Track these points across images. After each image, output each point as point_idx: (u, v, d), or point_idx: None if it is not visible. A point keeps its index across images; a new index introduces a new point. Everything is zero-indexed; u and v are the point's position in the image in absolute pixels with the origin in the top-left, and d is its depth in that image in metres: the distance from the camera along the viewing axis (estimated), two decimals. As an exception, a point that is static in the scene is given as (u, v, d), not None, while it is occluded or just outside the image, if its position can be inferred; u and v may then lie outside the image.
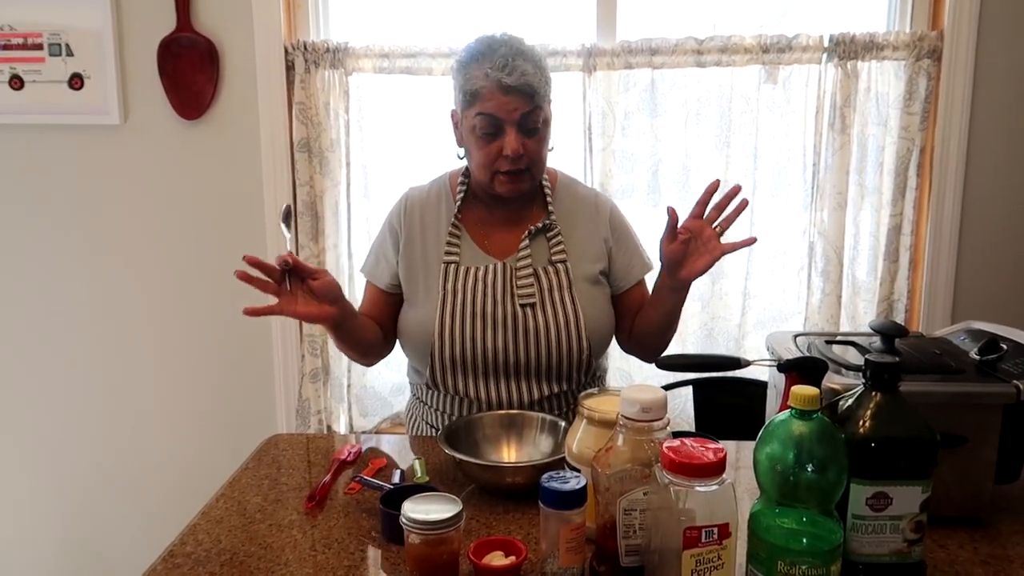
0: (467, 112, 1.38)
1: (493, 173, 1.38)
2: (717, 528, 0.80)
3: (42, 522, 2.35)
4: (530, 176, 1.40)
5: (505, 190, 1.39)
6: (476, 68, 1.35)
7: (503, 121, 1.34)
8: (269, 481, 1.24)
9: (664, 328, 1.46)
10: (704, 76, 2.00)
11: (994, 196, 2.03)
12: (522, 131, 1.35)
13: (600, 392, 1.08)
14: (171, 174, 2.15)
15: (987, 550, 1.02)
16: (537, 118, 1.36)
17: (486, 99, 1.34)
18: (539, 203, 1.48)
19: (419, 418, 1.53)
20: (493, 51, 1.35)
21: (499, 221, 1.47)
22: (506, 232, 1.46)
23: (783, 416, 0.87)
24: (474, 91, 1.35)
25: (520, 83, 1.32)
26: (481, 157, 1.38)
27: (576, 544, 0.92)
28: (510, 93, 1.32)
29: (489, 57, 1.34)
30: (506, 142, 1.34)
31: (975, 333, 1.22)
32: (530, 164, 1.38)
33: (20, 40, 2.08)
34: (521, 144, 1.34)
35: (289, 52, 2.04)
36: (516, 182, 1.39)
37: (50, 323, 2.24)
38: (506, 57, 1.33)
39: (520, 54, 1.34)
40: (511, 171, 1.37)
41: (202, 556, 1.03)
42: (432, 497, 0.96)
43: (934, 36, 1.95)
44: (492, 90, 1.33)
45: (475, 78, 1.34)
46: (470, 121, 1.37)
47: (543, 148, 1.40)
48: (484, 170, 1.39)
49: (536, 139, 1.37)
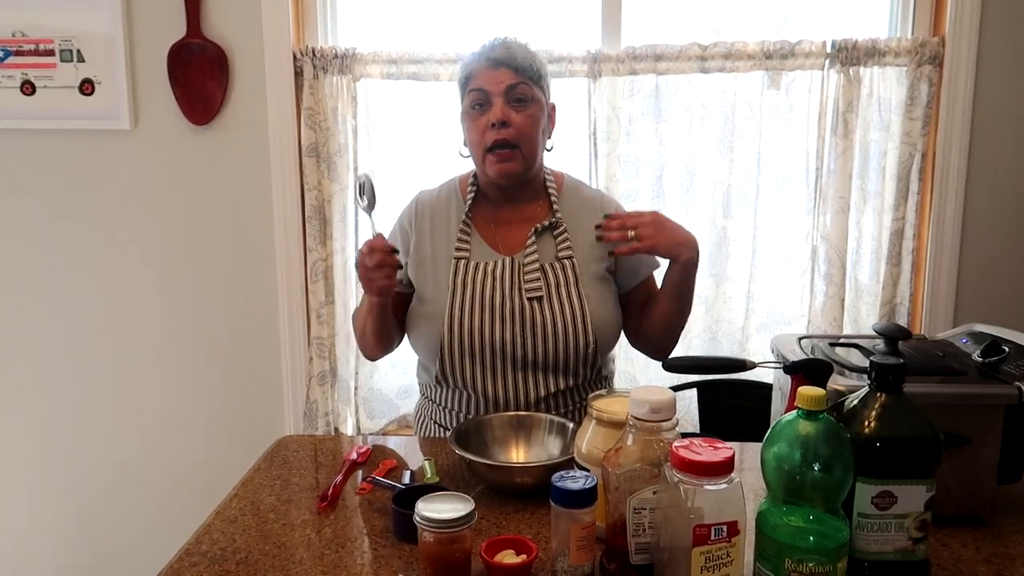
0: (463, 98, 1.45)
1: (484, 152, 1.42)
2: (726, 526, 0.82)
3: (52, 523, 2.37)
4: (521, 156, 1.41)
5: (496, 171, 1.41)
6: (470, 57, 1.46)
7: (490, 93, 1.40)
8: (281, 482, 1.26)
9: (670, 322, 1.49)
10: (708, 82, 2.02)
11: (995, 200, 2.05)
12: (509, 103, 1.40)
13: (608, 393, 1.09)
14: (181, 179, 2.17)
15: (990, 549, 1.03)
16: (525, 92, 1.41)
17: (476, 77, 1.43)
18: (545, 203, 1.51)
19: (428, 418, 1.55)
20: (487, 42, 1.46)
21: (506, 219, 1.49)
22: (514, 229, 1.48)
23: (790, 416, 0.89)
24: (467, 74, 1.44)
25: (505, 56, 1.41)
26: (473, 134, 1.44)
27: (587, 542, 0.93)
28: (497, 67, 1.41)
29: (482, 47, 1.45)
30: (491, 111, 1.40)
31: (977, 335, 1.24)
32: (519, 140, 1.40)
33: (31, 46, 2.10)
34: (507, 114, 1.39)
35: (298, 58, 2.06)
36: (505, 160, 1.40)
37: (60, 327, 2.26)
38: (495, 40, 1.44)
39: (509, 40, 1.45)
40: (499, 144, 1.39)
41: (217, 555, 1.04)
42: (444, 496, 0.98)
43: (935, 42, 1.97)
44: (480, 67, 1.42)
45: (468, 64, 1.45)
46: (465, 104, 1.45)
47: (534, 127, 1.42)
48: (477, 148, 1.43)
49: (525, 114, 1.41)
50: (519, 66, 1.40)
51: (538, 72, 1.44)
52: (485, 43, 1.46)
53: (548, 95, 1.48)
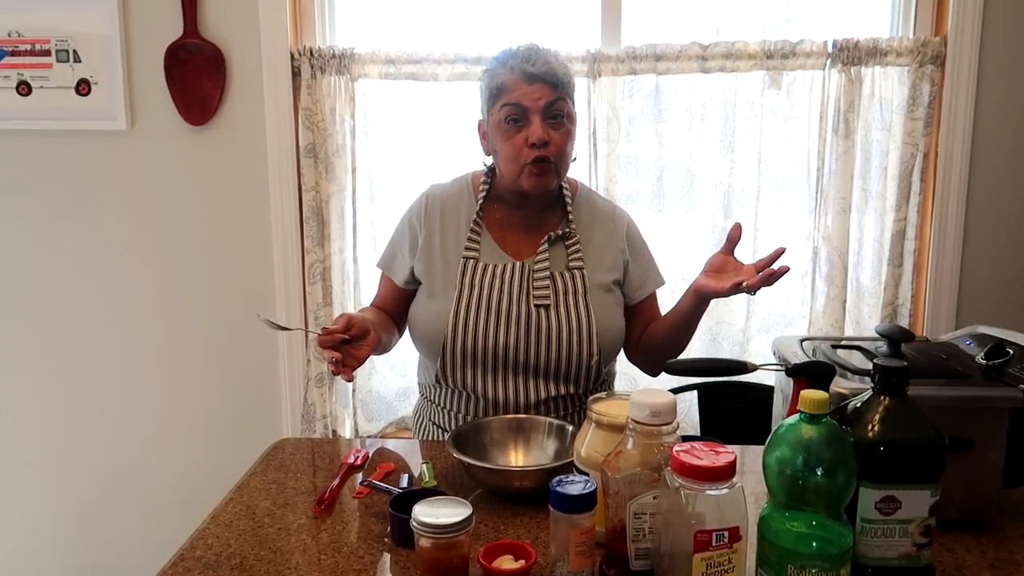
0: (493, 109, 1.40)
1: (521, 166, 1.38)
2: (728, 531, 0.81)
3: (49, 526, 2.36)
4: (555, 171, 1.40)
5: (531, 184, 1.39)
6: (500, 66, 1.39)
7: (528, 109, 1.36)
8: (277, 485, 1.24)
9: (673, 343, 1.48)
10: (708, 82, 2.01)
11: (998, 200, 2.04)
12: (547, 120, 1.36)
13: (608, 396, 1.08)
14: (178, 179, 2.16)
15: (995, 554, 1.02)
16: (562, 108, 1.37)
17: (511, 90, 1.37)
18: (559, 209, 1.49)
19: (426, 419, 1.54)
20: (516, 49, 1.39)
21: (519, 224, 1.48)
22: (525, 235, 1.47)
23: (792, 420, 0.88)
24: (499, 85, 1.38)
25: (544, 71, 1.35)
26: (508, 150, 1.38)
27: (586, 548, 0.92)
28: (534, 82, 1.35)
29: (512, 55, 1.39)
30: (531, 130, 1.36)
31: (981, 337, 1.23)
32: (556, 156, 1.38)
33: (28, 46, 2.09)
34: (546, 132, 1.36)
35: (295, 58, 2.05)
36: (543, 174, 1.38)
37: (57, 328, 2.25)
38: (529, 51, 1.38)
39: (542, 50, 1.39)
40: (538, 160, 1.36)
41: (212, 560, 1.03)
42: (442, 501, 0.96)
43: (937, 42, 1.96)
44: (516, 80, 1.36)
45: (499, 74, 1.38)
46: (496, 116, 1.39)
47: (568, 143, 1.40)
48: (512, 163, 1.39)
49: (561, 132, 1.38)
50: (558, 81, 1.36)
51: (572, 85, 1.40)
52: (514, 50, 1.39)
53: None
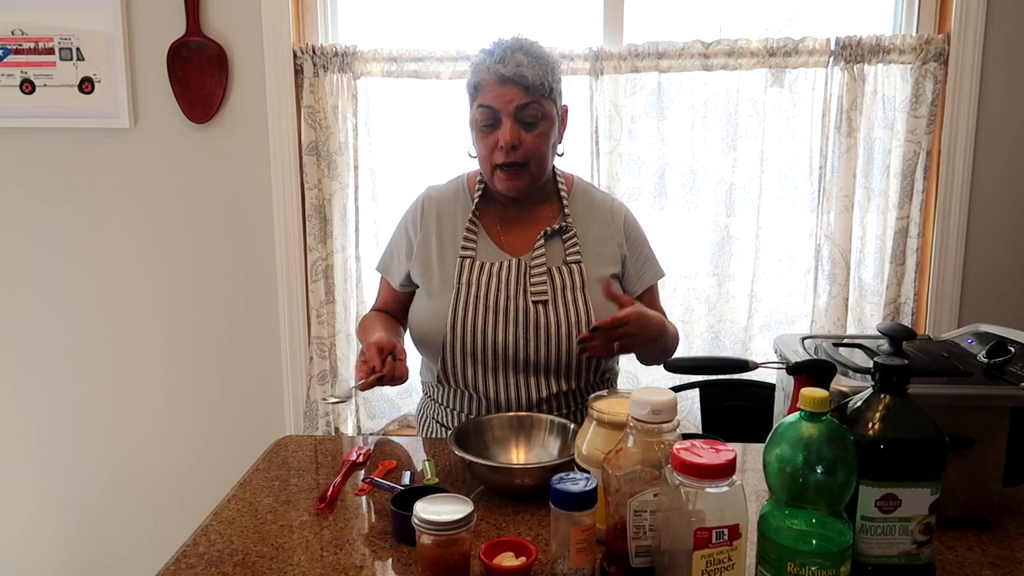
0: (471, 107, 1.42)
1: (492, 168, 1.40)
2: (728, 529, 0.81)
3: (51, 523, 2.37)
4: (528, 172, 1.40)
5: (503, 187, 1.41)
6: (480, 63, 1.40)
7: (499, 112, 1.37)
8: (279, 482, 1.25)
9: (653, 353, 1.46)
10: (711, 79, 2.01)
11: (1001, 199, 2.04)
12: (519, 123, 1.37)
13: (610, 394, 1.08)
14: (180, 177, 2.16)
15: (995, 552, 1.02)
16: (535, 112, 1.37)
17: (485, 91, 1.38)
18: (555, 205, 1.50)
19: (430, 417, 1.54)
20: (493, 48, 1.39)
21: (515, 220, 1.48)
22: (522, 231, 1.47)
23: (793, 418, 0.88)
24: (476, 84, 1.40)
25: (515, 73, 1.35)
26: (481, 150, 1.41)
27: (587, 545, 0.92)
28: (506, 84, 1.36)
29: (489, 53, 1.39)
30: (500, 132, 1.36)
31: (982, 336, 1.23)
32: (528, 158, 1.38)
33: (31, 44, 2.10)
34: (517, 136, 1.36)
35: (298, 56, 2.05)
36: (513, 178, 1.39)
37: (59, 326, 2.25)
38: (505, 50, 1.37)
39: (521, 49, 1.38)
40: (508, 164, 1.38)
41: (215, 556, 1.03)
42: (443, 498, 0.97)
43: (940, 39, 1.96)
44: (490, 81, 1.37)
45: (478, 72, 1.39)
46: (473, 115, 1.41)
47: (543, 144, 1.40)
48: (485, 164, 1.42)
49: (535, 133, 1.38)
50: (529, 84, 1.35)
51: (549, 86, 1.39)
52: (494, 46, 1.39)
53: (560, 100, 1.44)
